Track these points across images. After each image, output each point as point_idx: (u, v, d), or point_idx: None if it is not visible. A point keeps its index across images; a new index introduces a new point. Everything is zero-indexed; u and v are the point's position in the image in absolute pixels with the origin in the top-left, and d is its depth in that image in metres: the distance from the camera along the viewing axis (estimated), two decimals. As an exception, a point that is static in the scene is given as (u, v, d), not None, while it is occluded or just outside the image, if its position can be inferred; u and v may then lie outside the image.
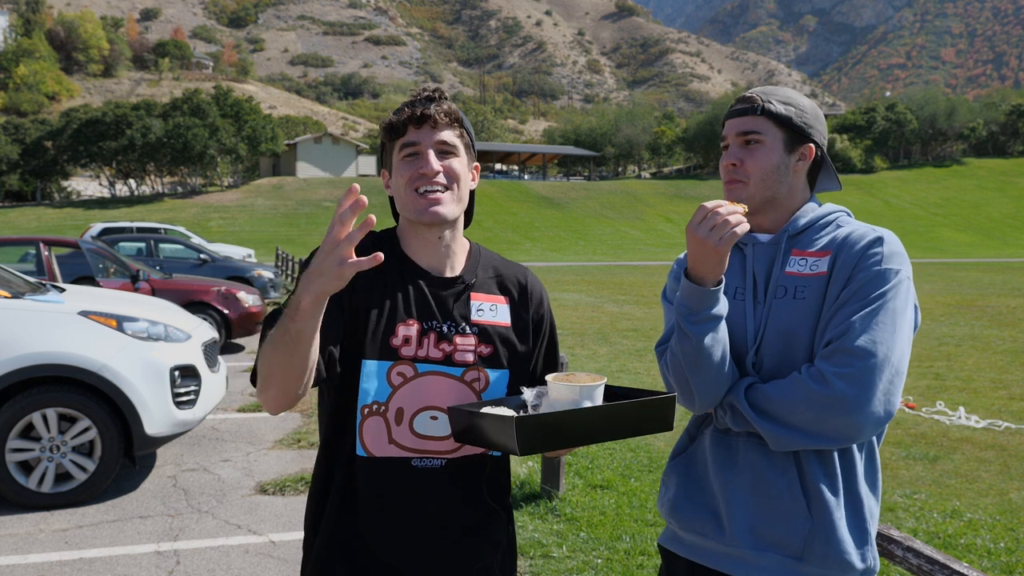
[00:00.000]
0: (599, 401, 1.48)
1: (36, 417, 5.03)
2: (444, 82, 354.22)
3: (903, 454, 6.37)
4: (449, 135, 1.67)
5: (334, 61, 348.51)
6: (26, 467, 5.06)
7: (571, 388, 1.45)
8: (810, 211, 1.77)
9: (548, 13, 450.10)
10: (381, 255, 1.31)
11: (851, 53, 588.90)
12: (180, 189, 70.54)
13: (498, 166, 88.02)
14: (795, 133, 1.74)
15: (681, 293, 1.64)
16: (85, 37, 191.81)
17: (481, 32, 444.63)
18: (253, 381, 1.59)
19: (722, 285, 1.63)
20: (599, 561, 4.19)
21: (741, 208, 1.57)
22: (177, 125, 62.95)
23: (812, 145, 1.76)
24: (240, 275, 15.57)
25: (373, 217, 1.33)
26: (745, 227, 1.55)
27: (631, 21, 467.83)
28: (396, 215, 1.82)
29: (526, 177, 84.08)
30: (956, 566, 2.17)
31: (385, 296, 1.67)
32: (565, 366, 4.58)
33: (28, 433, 5.07)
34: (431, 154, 1.65)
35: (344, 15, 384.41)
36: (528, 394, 1.51)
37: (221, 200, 62.31)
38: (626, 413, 1.46)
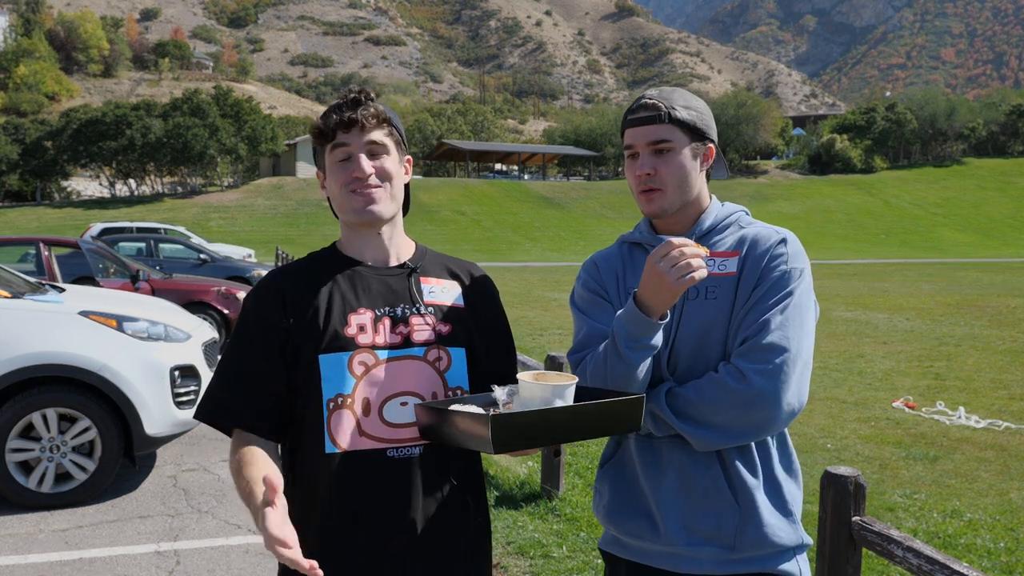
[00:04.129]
0: (570, 400, 1.50)
1: (36, 417, 5.03)
2: (444, 82, 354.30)
3: (903, 454, 6.37)
4: (378, 135, 1.70)
5: (334, 61, 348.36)
6: (26, 467, 5.07)
7: (543, 387, 1.48)
8: (713, 212, 1.82)
9: (548, 13, 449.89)
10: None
11: (851, 53, 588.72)
12: (180, 189, 70.42)
13: (498, 166, 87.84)
14: (698, 136, 1.77)
15: (625, 318, 1.64)
16: (85, 37, 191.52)
17: (481, 32, 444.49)
18: (200, 417, 1.78)
19: (667, 319, 1.65)
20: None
21: (704, 252, 1.58)
22: (177, 125, 62.81)
23: (712, 145, 1.80)
24: (240, 275, 15.59)
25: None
26: (704, 273, 1.57)
27: (631, 21, 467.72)
28: (336, 213, 1.84)
29: (526, 177, 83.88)
30: (956, 566, 2.17)
31: (332, 293, 1.69)
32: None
33: (28, 433, 5.08)
34: (362, 157, 1.68)
35: (344, 15, 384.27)
36: (499, 392, 1.52)
37: (221, 200, 62.25)
38: (596, 413, 1.48)
